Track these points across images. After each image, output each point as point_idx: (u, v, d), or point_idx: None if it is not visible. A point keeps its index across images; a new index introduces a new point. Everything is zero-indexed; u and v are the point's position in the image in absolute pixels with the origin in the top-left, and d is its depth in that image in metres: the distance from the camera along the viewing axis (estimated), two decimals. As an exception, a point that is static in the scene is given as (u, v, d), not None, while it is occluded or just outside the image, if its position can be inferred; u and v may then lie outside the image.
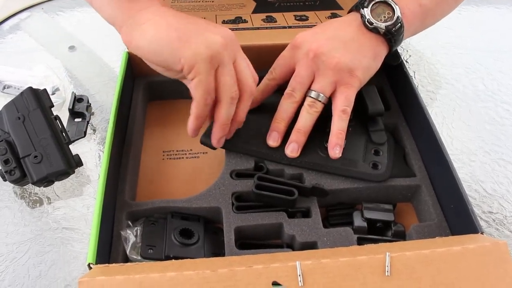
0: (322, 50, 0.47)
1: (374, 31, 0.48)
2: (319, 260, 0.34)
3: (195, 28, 0.43)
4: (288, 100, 0.49)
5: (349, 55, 0.47)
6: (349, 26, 0.49)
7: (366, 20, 0.48)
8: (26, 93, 0.53)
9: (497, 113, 0.66)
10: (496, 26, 0.82)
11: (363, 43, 0.48)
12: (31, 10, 0.81)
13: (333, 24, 0.51)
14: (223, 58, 0.42)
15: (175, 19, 0.43)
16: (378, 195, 0.49)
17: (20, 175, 0.50)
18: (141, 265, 0.37)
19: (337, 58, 0.47)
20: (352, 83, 0.48)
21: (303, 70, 0.48)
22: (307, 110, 0.48)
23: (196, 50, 0.41)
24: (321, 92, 0.48)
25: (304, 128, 0.49)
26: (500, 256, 0.35)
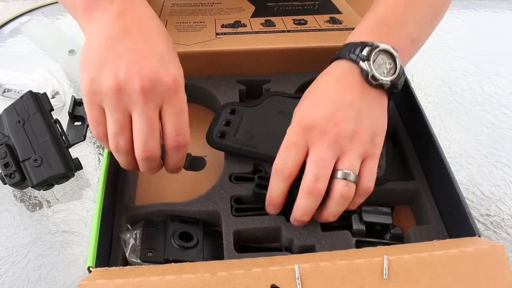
0: (341, 126, 0.41)
1: (378, 86, 0.43)
2: (317, 263, 0.34)
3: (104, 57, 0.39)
4: (311, 196, 0.40)
5: (366, 123, 0.42)
6: (352, 86, 0.43)
7: (370, 76, 0.42)
8: (26, 96, 0.54)
9: (495, 116, 0.66)
10: (493, 30, 0.83)
11: (372, 104, 0.43)
12: (31, 14, 0.81)
13: (332, 87, 0.44)
14: (106, 100, 0.38)
15: (99, 42, 0.40)
16: (377, 198, 0.49)
17: (20, 179, 0.50)
18: (140, 268, 0.37)
19: (357, 130, 0.41)
20: (375, 152, 0.43)
21: (324, 152, 0.40)
22: (337, 201, 0.41)
23: (83, 81, 0.39)
24: (352, 170, 0.41)
25: (329, 217, 0.42)
26: (497, 259, 0.35)
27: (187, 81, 0.45)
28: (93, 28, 0.41)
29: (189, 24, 0.63)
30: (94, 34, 0.41)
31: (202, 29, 0.62)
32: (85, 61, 0.40)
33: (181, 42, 0.58)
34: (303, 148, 0.41)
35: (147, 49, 0.39)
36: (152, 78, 0.38)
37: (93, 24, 0.41)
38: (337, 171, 0.41)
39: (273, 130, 0.51)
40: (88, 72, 0.39)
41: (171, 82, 0.39)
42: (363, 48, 0.43)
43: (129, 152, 0.40)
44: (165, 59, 0.40)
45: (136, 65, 0.38)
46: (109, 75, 0.38)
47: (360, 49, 0.43)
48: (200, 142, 0.52)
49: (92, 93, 0.38)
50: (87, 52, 0.40)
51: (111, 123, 0.39)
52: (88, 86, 0.38)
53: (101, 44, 0.39)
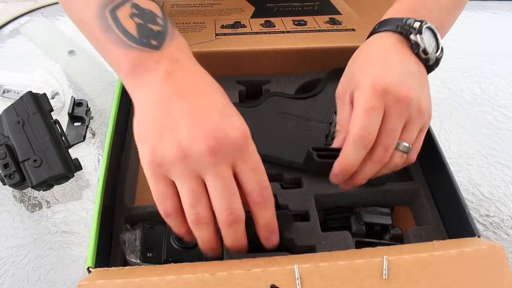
0: (413, 94, 0.39)
1: (424, 60, 0.42)
2: (317, 264, 0.34)
3: (162, 123, 0.35)
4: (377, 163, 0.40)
5: (425, 94, 0.41)
6: (408, 56, 0.42)
7: (421, 49, 0.41)
8: (25, 97, 0.54)
9: (494, 117, 0.66)
10: (493, 31, 0.83)
11: (423, 77, 0.42)
12: (31, 14, 0.82)
13: (391, 55, 0.42)
14: (173, 171, 0.34)
15: (153, 108, 0.36)
16: (376, 199, 0.50)
17: (19, 179, 0.50)
18: (140, 268, 0.37)
19: (422, 101, 0.40)
20: (428, 124, 0.42)
21: (396, 121, 0.39)
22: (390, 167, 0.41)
23: (143, 152, 0.35)
24: (410, 143, 0.41)
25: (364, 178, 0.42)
26: (497, 259, 0.35)
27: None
28: (143, 93, 0.37)
29: (188, 25, 0.63)
30: (144, 101, 0.37)
31: (202, 30, 0.62)
32: (141, 131, 0.36)
33: (181, 43, 0.58)
34: (382, 111, 0.39)
35: (205, 105, 0.36)
36: (218, 136, 0.34)
37: (142, 89, 0.38)
38: (399, 143, 0.40)
39: (273, 131, 0.52)
40: (148, 143, 0.35)
41: (240, 137, 0.35)
42: (413, 22, 0.42)
43: (211, 222, 0.36)
44: (226, 113, 0.36)
45: (198, 125, 0.34)
46: (171, 143, 0.34)
47: (411, 23, 0.42)
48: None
49: (156, 165, 0.35)
50: (142, 122, 0.36)
51: (185, 193, 0.35)
52: (150, 158, 0.35)
53: (155, 110, 0.36)
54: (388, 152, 0.40)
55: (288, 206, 0.47)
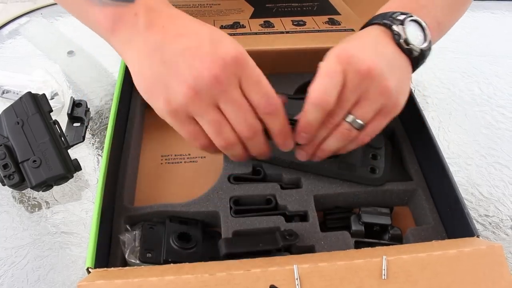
0: (375, 71, 0.39)
1: (407, 52, 0.42)
2: (316, 264, 0.34)
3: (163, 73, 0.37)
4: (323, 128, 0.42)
5: (396, 79, 0.41)
6: (385, 44, 0.42)
7: (402, 39, 0.42)
8: (25, 98, 0.54)
9: (493, 117, 0.66)
10: (492, 31, 0.83)
11: (402, 66, 0.43)
12: (30, 15, 0.81)
13: (369, 38, 0.43)
14: (191, 110, 0.37)
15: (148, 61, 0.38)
16: (375, 199, 0.50)
17: (19, 180, 0.50)
18: (139, 269, 0.37)
19: (388, 82, 0.40)
20: (393, 112, 0.42)
21: (350, 92, 0.40)
22: (337, 138, 0.42)
23: (157, 106, 0.38)
24: (362, 120, 0.41)
25: (327, 149, 0.43)
26: (496, 259, 0.36)
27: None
28: (131, 49, 0.39)
29: (188, 25, 0.63)
30: (137, 56, 0.39)
31: (201, 30, 0.62)
32: (146, 87, 0.38)
33: (180, 43, 0.58)
34: (341, 79, 0.39)
35: (194, 42, 0.38)
36: (218, 64, 0.36)
37: (129, 45, 0.40)
38: (348, 115, 0.41)
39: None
40: (158, 96, 0.38)
41: (235, 56, 0.37)
42: (398, 15, 0.43)
43: (238, 141, 0.40)
44: (215, 40, 0.38)
45: (195, 62, 0.36)
46: (179, 87, 0.36)
47: (395, 16, 0.43)
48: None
49: (174, 112, 0.38)
50: (142, 78, 0.39)
51: (208, 126, 0.38)
52: (167, 108, 0.37)
53: (151, 63, 0.38)
54: (334, 117, 0.41)
55: (287, 207, 0.47)
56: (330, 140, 0.43)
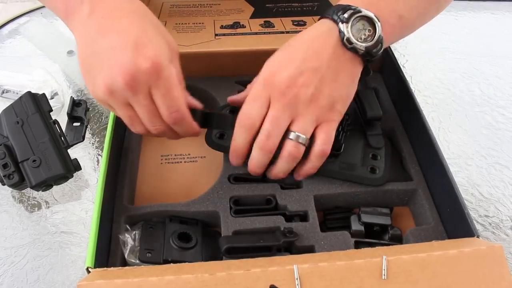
0: (300, 90, 0.42)
1: (352, 50, 0.43)
2: (316, 264, 0.34)
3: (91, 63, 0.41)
4: (262, 151, 0.44)
5: (328, 88, 0.43)
6: (324, 45, 0.44)
7: (345, 38, 0.43)
8: (24, 97, 0.54)
9: (493, 118, 0.66)
10: (492, 31, 0.83)
11: (340, 68, 0.44)
12: (30, 15, 0.81)
13: (304, 47, 0.44)
14: (110, 103, 0.42)
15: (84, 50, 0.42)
16: (375, 199, 0.50)
17: (18, 179, 0.50)
18: (139, 268, 0.37)
19: (315, 95, 0.43)
20: (332, 117, 0.45)
21: (279, 112, 0.43)
22: (286, 160, 0.44)
23: (93, 89, 0.41)
24: (303, 134, 0.43)
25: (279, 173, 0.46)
26: (496, 259, 0.36)
27: (187, 81, 0.45)
28: (76, 35, 0.43)
29: (188, 25, 0.63)
30: (78, 42, 0.42)
31: (201, 30, 0.62)
32: (82, 73, 0.42)
33: (180, 43, 0.58)
34: (266, 102, 0.43)
35: (121, 42, 0.40)
36: (131, 71, 0.39)
37: (74, 31, 0.43)
38: (289, 132, 0.44)
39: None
40: (88, 84, 0.42)
41: (150, 67, 0.39)
42: (345, 11, 0.43)
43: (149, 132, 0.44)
44: (140, 45, 0.40)
45: (116, 63, 0.39)
46: (100, 82, 0.40)
47: (342, 11, 0.44)
48: (199, 142, 0.52)
49: (100, 100, 0.42)
50: (80, 61, 0.42)
51: (124, 118, 0.43)
52: (94, 95, 0.42)
53: (85, 51, 0.41)
54: (270, 138, 0.43)
55: (287, 207, 0.47)
56: (280, 162, 0.45)
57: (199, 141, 0.52)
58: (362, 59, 0.45)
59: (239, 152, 0.46)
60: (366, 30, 0.43)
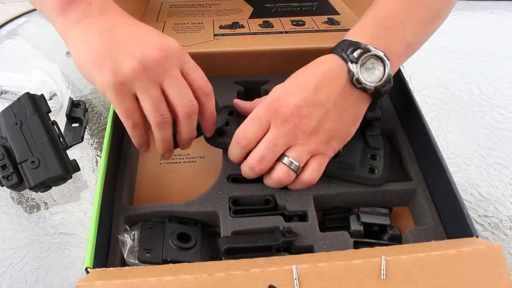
0: (303, 121, 0.43)
1: (361, 89, 0.44)
2: (315, 264, 0.34)
3: (112, 49, 0.40)
4: (252, 171, 0.45)
5: (330, 124, 0.44)
6: (333, 83, 0.44)
7: (354, 78, 0.44)
8: (23, 98, 0.54)
9: (493, 117, 0.66)
10: (491, 31, 0.83)
11: (346, 108, 0.45)
12: (28, 15, 0.81)
13: (313, 80, 0.44)
14: (136, 84, 0.39)
15: (98, 38, 0.40)
16: (375, 199, 0.49)
17: (17, 181, 0.50)
18: (138, 269, 0.37)
19: (316, 129, 0.44)
20: (327, 153, 0.46)
21: (278, 137, 0.43)
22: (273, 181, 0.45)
23: (103, 78, 0.39)
24: (297, 161, 0.44)
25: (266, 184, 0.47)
26: (495, 259, 0.36)
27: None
28: (80, 30, 0.42)
29: (187, 25, 0.63)
30: (84, 35, 0.42)
31: (200, 30, 0.62)
32: (93, 60, 0.40)
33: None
34: (266, 125, 0.44)
35: (144, 30, 0.42)
36: (164, 47, 0.40)
37: (78, 25, 0.42)
38: (284, 156, 0.44)
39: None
40: (105, 69, 0.39)
41: (179, 47, 0.42)
42: (355, 50, 0.44)
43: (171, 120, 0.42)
44: (161, 34, 0.42)
45: (144, 43, 0.40)
46: (128, 61, 0.39)
47: (352, 50, 0.44)
48: (198, 142, 0.52)
49: (120, 84, 0.39)
50: (89, 52, 0.40)
51: (148, 101, 0.40)
52: (113, 80, 0.39)
53: (100, 40, 0.40)
54: (263, 161, 0.44)
55: (286, 207, 0.47)
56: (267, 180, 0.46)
57: (198, 141, 0.52)
58: (371, 97, 0.46)
59: (235, 161, 0.47)
60: (376, 70, 0.44)
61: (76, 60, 0.42)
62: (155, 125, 0.42)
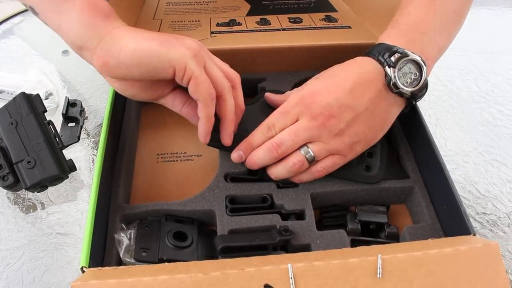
0: (331, 121, 0.44)
1: (397, 94, 0.44)
2: (311, 263, 0.34)
3: (169, 36, 0.43)
4: (268, 153, 0.45)
5: (358, 128, 0.44)
6: (368, 87, 0.44)
7: (392, 83, 0.43)
8: (19, 98, 0.53)
9: (491, 114, 0.66)
10: (489, 27, 0.83)
11: (377, 113, 0.45)
12: (24, 14, 0.81)
13: (349, 81, 0.45)
14: (204, 55, 0.43)
15: (148, 32, 0.43)
16: (372, 197, 0.49)
17: (13, 181, 0.49)
18: (133, 268, 0.37)
19: (343, 131, 0.44)
20: (347, 155, 0.46)
21: (303, 131, 0.44)
22: (286, 167, 0.45)
23: (181, 51, 0.41)
24: (316, 156, 0.45)
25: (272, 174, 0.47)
26: (492, 257, 0.35)
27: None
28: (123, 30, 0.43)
29: (184, 23, 0.63)
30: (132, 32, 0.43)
31: (197, 28, 0.62)
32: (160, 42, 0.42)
33: (175, 42, 0.58)
34: (293, 119, 0.45)
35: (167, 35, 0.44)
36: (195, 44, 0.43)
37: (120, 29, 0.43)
38: (303, 146, 0.45)
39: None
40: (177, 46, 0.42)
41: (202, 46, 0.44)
42: (392, 54, 0.44)
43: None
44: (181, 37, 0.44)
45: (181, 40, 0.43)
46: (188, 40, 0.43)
47: (389, 54, 0.44)
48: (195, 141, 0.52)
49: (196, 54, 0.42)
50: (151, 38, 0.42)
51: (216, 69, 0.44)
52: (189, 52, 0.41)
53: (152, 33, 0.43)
54: (282, 146, 0.45)
55: (284, 205, 0.47)
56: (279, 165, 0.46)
57: (195, 140, 0.51)
58: (406, 102, 0.46)
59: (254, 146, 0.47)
60: (412, 74, 0.44)
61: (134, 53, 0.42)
62: (228, 91, 0.44)
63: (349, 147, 0.45)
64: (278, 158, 0.45)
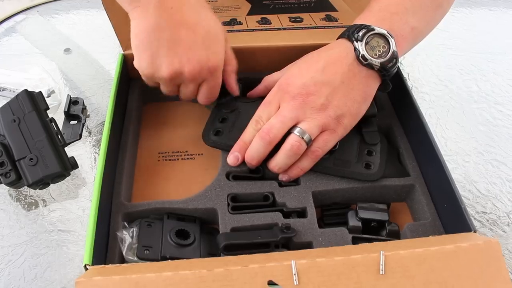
0: (310, 98, 0.45)
1: (368, 66, 0.46)
2: (314, 259, 0.34)
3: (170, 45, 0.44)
4: (262, 141, 0.46)
5: (338, 101, 0.46)
6: (340, 63, 0.46)
7: (360, 55, 0.46)
8: (21, 95, 0.54)
9: (491, 114, 0.66)
10: (489, 27, 0.83)
11: (354, 85, 0.46)
12: (26, 12, 0.81)
13: (320, 61, 0.47)
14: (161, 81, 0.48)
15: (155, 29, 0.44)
16: (373, 195, 0.50)
17: (15, 178, 0.50)
18: (137, 265, 0.37)
19: (325, 105, 0.45)
20: (337, 130, 0.47)
21: (287, 111, 0.46)
22: (286, 153, 0.46)
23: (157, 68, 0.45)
24: (308, 132, 0.45)
25: (275, 167, 0.48)
26: (493, 254, 0.36)
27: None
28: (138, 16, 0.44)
29: (185, 23, 0.63)
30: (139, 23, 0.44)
31: (198, 27, 0.62)
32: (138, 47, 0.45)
33: (177, 40, 0.58)
34: (276, 106, 0.47)
35: (190, 36, 0.45)
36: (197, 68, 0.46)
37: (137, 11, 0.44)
38: (295, 128, 0.46)
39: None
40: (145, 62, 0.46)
41: (212, 67, 0.47)
42: (359, 30, 0.46)
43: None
44: (207, 45, 0.46)
45: (183, 57, 0.45)
46: (166, 66, 0.45)
47: (357, 31, 0.46)
48: (196, 139, 0.52)
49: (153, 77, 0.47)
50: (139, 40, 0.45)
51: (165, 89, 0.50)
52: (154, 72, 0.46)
53: (149, 35, 0.44)
54: (272, 130, 0.46)
55: (285, 203, 0.47)
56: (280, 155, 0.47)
57: (197, 138, 0.52)
58: (379, 74, 0.47)
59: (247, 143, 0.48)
60: (381, 47, 0.46)
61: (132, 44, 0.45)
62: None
63: (336, 121, 0.46)
64: (271, 143, 0.46)
